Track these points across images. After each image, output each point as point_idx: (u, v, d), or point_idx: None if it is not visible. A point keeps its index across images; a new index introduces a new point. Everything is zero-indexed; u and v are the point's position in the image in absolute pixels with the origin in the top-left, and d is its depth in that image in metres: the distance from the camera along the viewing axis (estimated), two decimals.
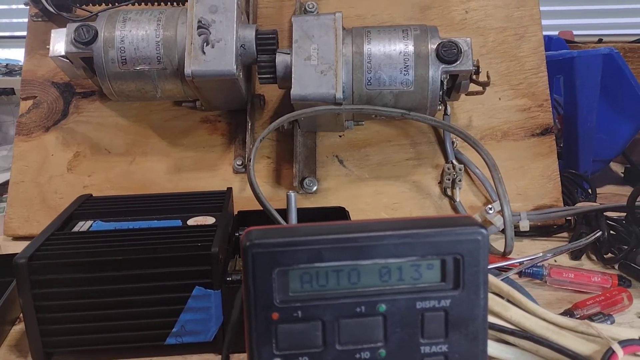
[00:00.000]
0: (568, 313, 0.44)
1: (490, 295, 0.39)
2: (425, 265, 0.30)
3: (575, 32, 1.03)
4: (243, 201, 0.62)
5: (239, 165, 0.66)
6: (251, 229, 0.30)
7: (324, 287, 0.30)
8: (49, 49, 0.60)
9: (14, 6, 1.31)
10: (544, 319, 0.39)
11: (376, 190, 0.65)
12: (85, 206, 0.51)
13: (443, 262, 0.30)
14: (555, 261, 0.55)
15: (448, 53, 0.56)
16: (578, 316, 0.44)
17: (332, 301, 0.30)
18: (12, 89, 0.97)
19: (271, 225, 0.31)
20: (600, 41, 0.99)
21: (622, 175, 0.83)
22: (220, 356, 0.42)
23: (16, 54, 1.24)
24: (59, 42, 0.60)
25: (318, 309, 0.30)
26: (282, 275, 0.29)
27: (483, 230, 0.30)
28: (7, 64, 1.09)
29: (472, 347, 0.31)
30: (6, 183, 0.71)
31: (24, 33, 0.72)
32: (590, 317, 0.43)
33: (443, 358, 0.31)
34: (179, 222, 0.48)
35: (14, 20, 1.36)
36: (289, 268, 0.29)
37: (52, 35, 0.60)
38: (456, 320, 0.31)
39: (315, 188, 0.64)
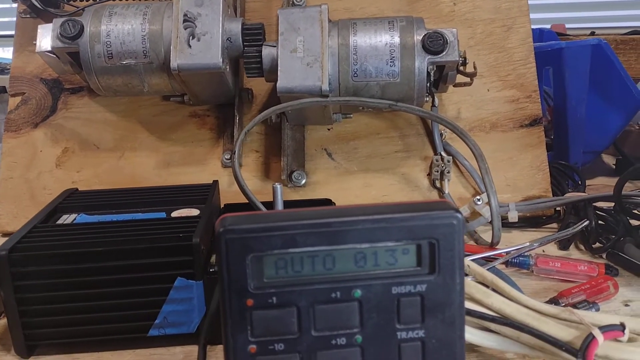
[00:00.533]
0: (553, 301, 0.44)
1: (471, 283, 0.39)
2: (401, 250, 0.30)
3: (567, 26, 1.03)
4: (232, 195, 0.62)
5: (227, 159, 0.66)
6: (225, 215, 0.30)
7: (298, 272, 0.30)
8: (36, 45, 0.60)
9: (7, 5, 1.31)
10: (526, 306, 0.38)
11: (365, 183, 0.65)
12: (70, 200, 0.51)
13: (418, 247, 0.30)
14: (543, 251, 0.54)
15: (434, 44, 0.55)
16: (563, 304, 0.44)
17: (307, 287, 0.30)
18: (4, 87, 0.97)
19: (246, 212, 0.31)
20: (592, 34, 0.99)
21: (614, 166, 0.83)
22: None
23: (7, 53, 1.24)
24: (46, 38, 0.60)
25: (293, 295, 0.30)
26: (256, 261, 0.29)
27: (458, 215, 0.30)
28: None
29: (449, 332, 0.31)
30: None
31: (13, 32, 0.72)
32: (575, 305, 0.43)
33: (420, 343, 0.31)
34: (163, 215, 0.48)
35: (5, 19, 1.36)
36: (263, 254, 0.29)
37: (38, 31, 0.60)
38: (432, 305, 0.30)
39: (304, 181, 0.64)
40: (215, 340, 0.40)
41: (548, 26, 0.98)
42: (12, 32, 0.73)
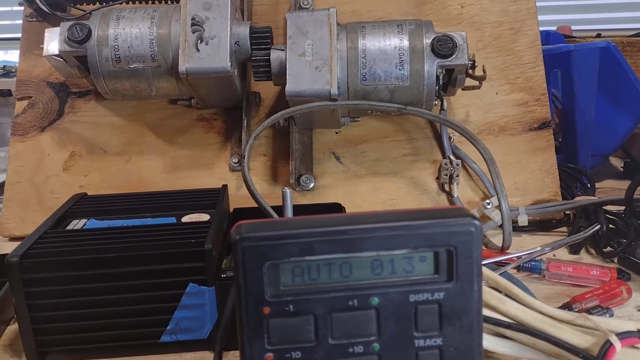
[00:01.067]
0: (566, 307, 0.44)
1: (486, 289, 0.39)
2: (418, 258, 0.30)
3: (573, 27, 1.03)
4: (240, 199, 0.61)
5: (235, 163, 0.65)
6: (241, 222, 0.30)
7: (315, 280, 0.30)
8: (43, 48, 0.60)
9: (15, 8, 1.32)
10: (541, 312, 0.38)
11: (373, 187, 0.65)
12: (80, 205, 0.51)
13: (436, 254, 0.30)
14: (554, 255, 0.54)
15: (443, 47, 0.55)
16: (576, 310, 0.43)
17: (324, 295, 0.29)
18: (9, 90, 0.97)
19: (261, 219, 0.30)
20: (598, 36, 0.99)
21: (622, 169, 0.83)
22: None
23: (13, 56, 1.25)
24: (53, 42, 0.60)
25: (310, 303, 0.29)
26: (273, 269, 0.29)
27: (476, 222, 0.30)
28: (4, 66, 1.09)
29: (467, 340, 0.31)
30: (2, 184, 0.71)
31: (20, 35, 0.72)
32: (589, 311, 0.43)
33: (437, 351, 0.30)
34: (173, 220, 0.47)
35: (11, 22, 1.36)
36: (279, 262, 0.29)
37: (45, 34, 0.60)
38: (450, 313, 0.30)
39: (312, 185, 0.64)
40: (228, 346, 0.40)
41: (554, 28, 0.98)
42: (17, 35, 0.73)
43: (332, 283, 0.30)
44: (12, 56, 1.31)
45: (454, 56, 0.56)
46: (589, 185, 0.67)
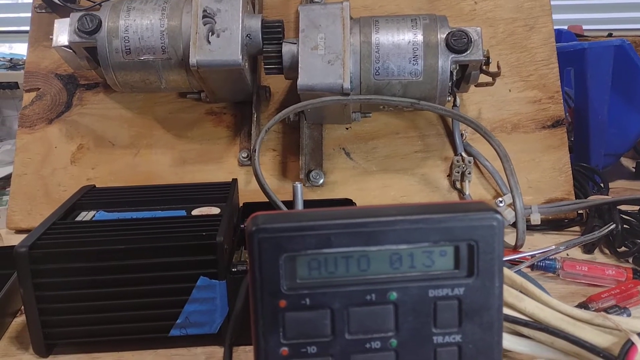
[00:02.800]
0: (582, 306, 0.43)
1: (503, 286, 0.38)
2: (438, 252, 0.29)
3: (584, 27, 1.02)
4: (249, 194, 0.61)
5: (244, 157, 0.65)
6: (257, 214, 0.29)
7: (332, 273, 0.29)
8: (52, 39, 0.59)
9: (19, 0, 1.31)
10: (559, 311, 0.37)
11: (384, 183, 0.64)
12: (88, 196, 0.50)
13: (456, 249, 0.29)
14: (567, 254, 0.53)
15: (458, 42, 0.55)
16: (593, 309, 0.43)
17: (341, 288, 0.29)
18: (16, 83, 0.96)
19: (278, 211, 0.30)
20: (610, 35, 0.98)
21: (634, 169, 0.82)
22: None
23: (20, 49, 1.24)
24: (63, 33, 0.59)
25: (327, 297, 0.29)
26: (290, 262, 0.28)
27: (498, 216, 0.29)
28: (11, 58, 1.09)
29: (486, 337, 0.30)
30: (9, 176, 0.70)
31: (27, 28, 0.72)
32: (606, 310, 0.42)
33: (456, 348, 0.30)
34: (183, 213, 0.47)
35: (19, 14, 1.36)
36: (296, 254, 0.28)
37: (55, 25, 0.59)
38: (470, 309, 0.29)
39: (321, 181, 0.63)
40: (238, 341, 0.39)
41: (565, 27, 0.97)
42: (23, 28, 0.73)
43: (350, 277, 0.29)
44: (17, 49, 1.31)
45: (468, 52, 0.55)
46: (602, 184, 0.66)
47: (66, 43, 0.58)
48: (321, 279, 0.29)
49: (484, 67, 0.57)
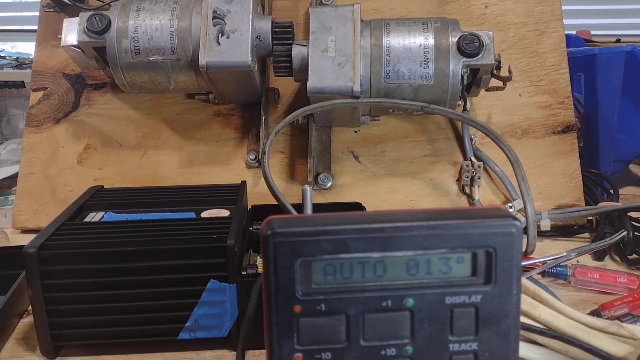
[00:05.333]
0: (595, 314, 0.43)
1: None
2: (455, 259, 0.29)
3: (592, 32, 1.02)
4: (256, 197, 0.60)
5: (252, 159, 0.64)
6: (272, 217, 0.29)
7: (348, 279, 0.28)
8: (60, 38, 0.59)
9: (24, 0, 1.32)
10: (573, 319, 0.37)
11: (392, 187, 0.63)
12: (97, 197, 0.50)
13: (474, 256, 0.29)
14: (577, 261, 0.53)
15: (470, 46, 0.54)
16: (606, 317, 0.42)
17: (356, 294, 0.28)
18: (22, 82, 0.96)
19: (293, 215, 0.29)
20: (618, 41, 0.97)
21: None
22: (234, 352, 0.40)
23: (26, 48, 1.24)
24: (71, 32, 0.59)
25: (342, 303, 0.28)
26: (305, 266, 0.28)
27: (517, 223, 0.28)
28: (17, 57, 1.09)
29: (503, 345, 0.29)
30: (15, 176, 0.70)
31: (34, 27, 0.72)
32: (619, 318, 0.41)
33: (473, 356, 0.29)
34: (192, 215, 0.46)
35: (21, 14, 1.35)
36: (312, 259, 0.28)
37: (64, 24, 0.59)
38: (487, 317, 0.29)
39: (329, 184, 0.63)
40: (248, 345, 0.39)
41: (573, 32, 0.97)
42: (30, 27, 0.72)
43: (366, 282, 0.28)
44: (21, 48, 1.30)
45: (480, 55, 0.54)
46: (612, 191, 0.65)
47: (75, 43, 0.58)
48: (337, 284, 0.28)
49: (495, 72, 0.56)
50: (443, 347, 0.29)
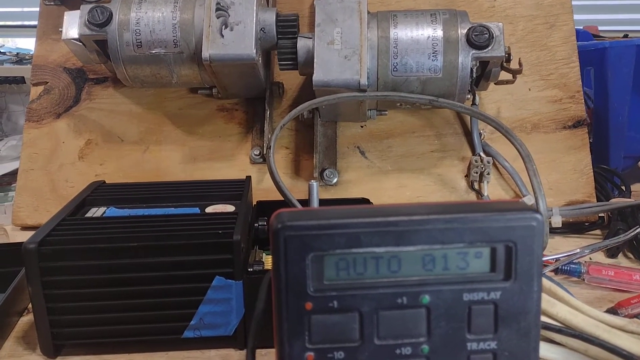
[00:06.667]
0: (612, 312, 0.42)
1: None
2: (473, 253, 0.28)
3: (599, 28, 1.00)
4: (261, 193, 0.59)
5: (256, 155, 0.63)
6: (281, 211, 0.28)
7: (361, 275, 0.27)
8: (61, 32, 0.58)
9: None
10: (591, 317, 0.36)
11: (399, 183, 0.62)
12: (98, 192, 0.49)
13: (493, 250, 0.27)
14: (590, 259, 0.52)
15: (479, 38, 0.53)
16: (623, 315, 0.41)
17: (370, 291, 0.27)
18: (22, 77, 0.95)
19: (304, 208, 0.28)
20: (625, 36, 0.96)
21: None
22: (240, 351, 0.39)
23: (26, 43, 1.23)
24: (72, 25, 0.58)
25: (355, 299, 0.27)
26: (317, 261, 0.27)
27: (538, 216, 0.27)
28: (17, 53, 1.07)
29: (523, 344, 0.28)
30: (15, 172, 0.69)
31: (34, 22, 0.70)
32: (637, 316, 0.40)
33: (491, 356, 0.28)
34: (196, 210, 0.45)
35: (20, 9, 1.34)
36: (324, 253, 0.27)
37: (65, 17, 0.58)
38: (506, 315, 0.28)
39: (335, 180, 0.62)
40: (257, 343, 0.38)
41: (580, 28, 0.95)
42: (30, 22, 0.71)
43: (380, 278, 0.27)
44: (20, 43, 1.29)
45: (490, 47, 0.53)
46: (623, 187, 0.64)
47: (76, 36, 0.57)
48: (350, 280, 0.27)
49: (505, 64, 0.55)
50: (460, 346, 0.28)
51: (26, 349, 0.40)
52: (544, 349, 0.35)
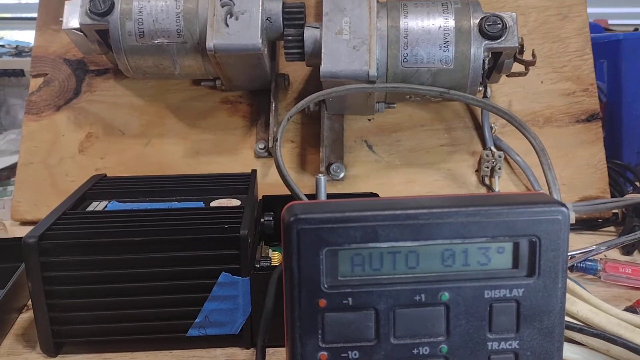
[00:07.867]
0: (630, 310, 0.40)
1: None
2: (495, 249, 0.26)
3: (609, 22, 0.99)
4: (266, 187, 0.58)
5: (261, 149, 0.62)
6: (293, 203, 0.26)
7: (378, 270, 0.26)
8: (62, 21, 0.56)
9: None
10: (612, 315, 0.34)
11: (408, 178, 0.61)
12: (100, 186, 0.47)
13: (516, 245, 0.26)
14: (605, 256, 0.50)
15: (492, 28, 0.51)
16: None
17: (387, 287, 0.26)
18: (22, 70, 0.93)
19: (317, 200, 0.27)
20: (636, 30, 0.94)
21: None
22: (246, 350, 0.38)
23: (19, 36, 1.20)
24: (73, 14, 0.56)
25: (371, 297, 0.26)
26: (331, 256, 0.25)
27: (564, 209, 0.26)
28: (16, 45, 1.06)
29: (546, 344, 0.27)
30: (14, 166, 0.67)
31: (34, 14, 0.69)
32: None
33: (513, 356, 0.27)
34: (201, 204, 0.44)
35: (19, 1, 1.32)
36: (339, 248, 0.25)
37: (65, 7, 0.57)
38: (529, 313, 0.26)
39: (342, 174, 0.60)
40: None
41: (590, 21, 0.94)
42: (27, 15, 0.70)
43: (397, 274, 0.26)
44: (17, 36, 1.27)
45: (503, 38, 0.52)
46: (637, 183, 0.63)
47: (77, 26, 0.55)
48: (365, 276, 0.26)
49: (518, 56, 0.54)
50: (481, 346, 0.27)
51: (26, 347, 0.39)
52: (565, 349, 0.33)
